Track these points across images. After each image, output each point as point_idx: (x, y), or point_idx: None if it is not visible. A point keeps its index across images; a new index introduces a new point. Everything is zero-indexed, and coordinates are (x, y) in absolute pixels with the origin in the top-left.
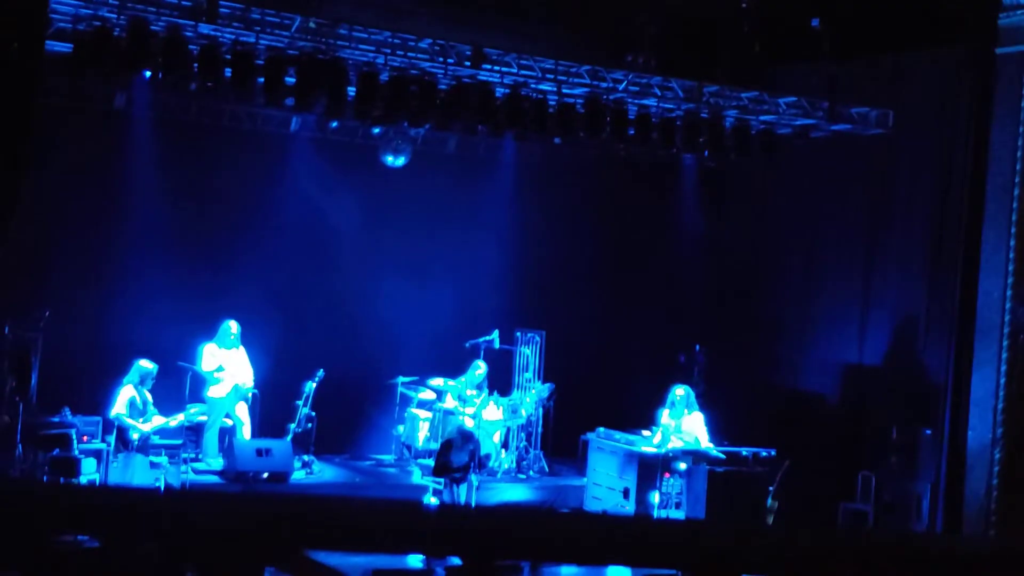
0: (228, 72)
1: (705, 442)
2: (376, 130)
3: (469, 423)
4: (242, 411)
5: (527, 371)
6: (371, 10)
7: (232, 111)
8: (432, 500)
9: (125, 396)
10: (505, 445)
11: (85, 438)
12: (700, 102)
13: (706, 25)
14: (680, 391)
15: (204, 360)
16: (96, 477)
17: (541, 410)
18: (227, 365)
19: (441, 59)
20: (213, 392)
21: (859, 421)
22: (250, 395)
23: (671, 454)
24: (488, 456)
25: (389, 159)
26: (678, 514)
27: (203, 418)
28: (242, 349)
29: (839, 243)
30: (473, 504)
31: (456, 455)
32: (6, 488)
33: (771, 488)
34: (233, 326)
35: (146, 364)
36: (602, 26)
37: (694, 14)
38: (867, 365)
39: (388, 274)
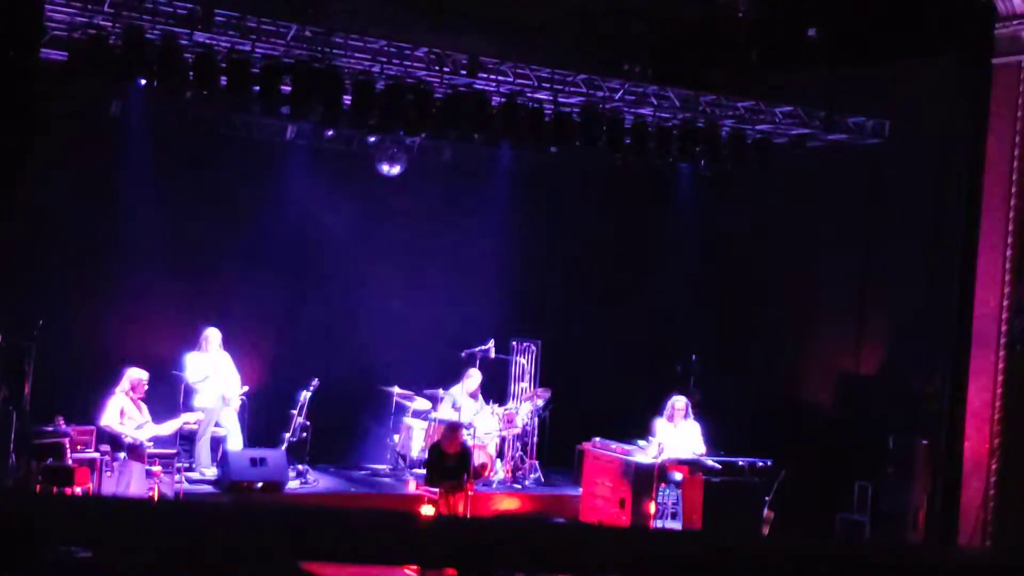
0: (223, 80)
1: (701, 452)
2: (372, 139)
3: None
4: (230, 419)
5: (523, 380)
6: (367, 19)
7: (227, 119)
8: (427, 510)
9: (115, 404)
10: (500, 455)
11: (79, 447)
12: (696, 111)
13: (703, 34)
14: (676, 400)
15: (188, 369)
16: (90, 486)
17: (536, 419)
18: (212, 373)
19: (437, 68)
20: (200, 401)
21: (856, 431)
22: (238, 403)
23: (667, 464)
24: (483, 466)
25: (385, 168)
26: (674, 524)
27: (194, 426)
28: (227, 356)
29: (835, 253)
30: (468, 514)
31: (447, 446)
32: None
33: (767, 498)
34: (215, 333)
35: (136, 372)
36: (599, 35)
37: (690, 23)
38: (863, 375)
39: (383, 283)
